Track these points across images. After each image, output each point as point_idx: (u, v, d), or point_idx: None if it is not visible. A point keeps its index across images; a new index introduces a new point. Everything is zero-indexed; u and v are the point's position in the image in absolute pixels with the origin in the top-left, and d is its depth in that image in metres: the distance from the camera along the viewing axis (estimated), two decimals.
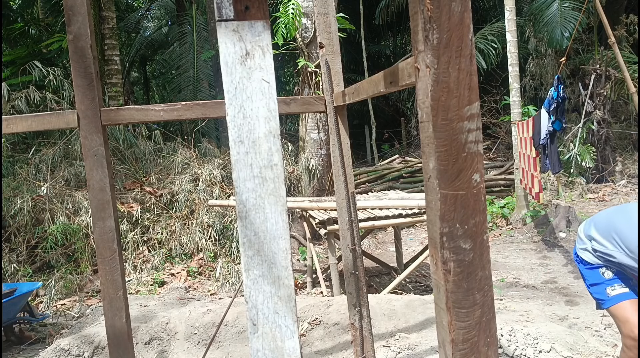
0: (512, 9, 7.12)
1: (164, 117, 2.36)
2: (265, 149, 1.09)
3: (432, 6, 0.93)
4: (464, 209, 0.99)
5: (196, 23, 10.39)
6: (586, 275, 2.35)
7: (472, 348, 1.01)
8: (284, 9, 5.84)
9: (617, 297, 2.19)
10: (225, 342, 3.51)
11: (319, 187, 7.13)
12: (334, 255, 4.71)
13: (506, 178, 9.30)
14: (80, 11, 2.09)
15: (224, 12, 1.06)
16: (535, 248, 6.40)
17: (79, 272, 5.38)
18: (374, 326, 2.96)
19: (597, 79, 9.08)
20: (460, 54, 0.96)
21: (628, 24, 9.30)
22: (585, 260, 2.34)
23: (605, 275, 2.26)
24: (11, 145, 6.74)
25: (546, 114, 5.50)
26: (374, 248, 7.11)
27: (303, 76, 6.93)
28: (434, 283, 1.06)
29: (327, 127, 6.59)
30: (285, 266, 1.06)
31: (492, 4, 13.00)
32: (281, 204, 1.08)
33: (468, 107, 0.97)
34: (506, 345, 2.99)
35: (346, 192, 2.47)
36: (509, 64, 7.31)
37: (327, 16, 2.47)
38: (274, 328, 1.04)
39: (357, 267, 2.48)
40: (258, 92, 1.09)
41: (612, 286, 2.22)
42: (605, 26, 4.76)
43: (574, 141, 8.56)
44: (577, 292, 4.67)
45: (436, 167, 0.97)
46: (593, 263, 2.30)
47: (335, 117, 2.44)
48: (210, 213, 6.19)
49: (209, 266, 5.79)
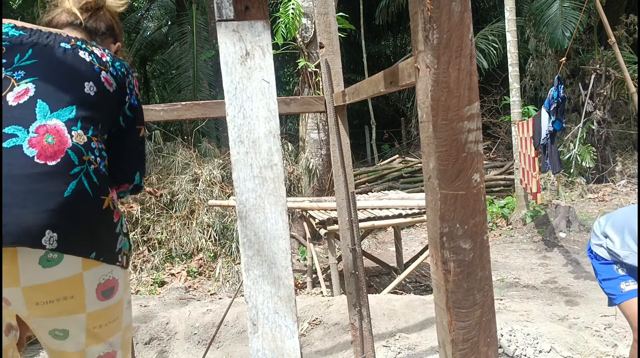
0: (512, 9, 7.12)
1: (164, 117, 2.36)
2: (265, 149, 1.09)
3: (432, 6, 0.93)
4: (464, 209, 0.99)
5: (196, 23, 10.39)
6: (599, 269, 2.35)
7: (472, 348, 1.01)
8: (284, 9, 5.84)
9: (630, 293, 2.20)
10: (225, 342, 3.51)
11: (319, 187, 7.13)
12: (334, 255, 4.71)
13: (506, 178, 9.30)
14: None
15: (224, 12, 1.06)
16: (535, 248, 6.40)
17: None
18: (374, 326, 2.96)
19: (597, 79, 9.08)
20: (460, 54, 0.96)
21: (628, 24, 9.30)
22: (600, 256, 2.34)
23: (619, 271, 2.26)
24: None
25: (546, 114, 5.50)
26: (374, 248, 7.11)
27: (303, 76, 6.93)
28: (434, 283, 1.06)
29: (327, 127, 6.59)
30: (285, 266, 1.06)
31: (492, 4, 13.00)
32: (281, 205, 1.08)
33: (468, 107, 0.97)
34: (506, 345, 2.99)
35: (346, 192, 2.47)
36: (509, 64, 7.31)
37: (327, 16, 2.47)
38: (274, 328, 1.05)
39: (357, 267, 2.48)
40: (258, 92, 1.09)
41: (627, 282, 2.23)
42: (606, 26, 4.76)
43: (574, 141, 8.56)
44: (577, 292, 4.67)
45: (436, 167, 0.97)
46: (607, 259, 2.30)
47: (335, 117, 2.44)
48: (210, 213, 6.20)
49: (209, 266, 5.79)
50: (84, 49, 1.25)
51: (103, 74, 1.25)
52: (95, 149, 1.17)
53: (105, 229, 1.15)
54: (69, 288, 1.09)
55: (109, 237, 1.15)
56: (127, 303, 1.25)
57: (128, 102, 1.30)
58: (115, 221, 1.18)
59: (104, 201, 1.15)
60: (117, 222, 1.19)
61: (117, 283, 1.18)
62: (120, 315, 1.21)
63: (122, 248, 1.19)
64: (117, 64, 1.30)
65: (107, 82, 1.25)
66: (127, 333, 1.27)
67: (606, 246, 2.29)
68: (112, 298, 1.17)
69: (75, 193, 1.09)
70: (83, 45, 1.27)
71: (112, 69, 1.28)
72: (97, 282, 1.13)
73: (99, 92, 1.22)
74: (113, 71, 1.28)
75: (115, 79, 1.27)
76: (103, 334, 1.18)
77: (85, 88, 1.19)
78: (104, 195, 1.15)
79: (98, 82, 1.22)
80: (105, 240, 1.14)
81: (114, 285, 1.17)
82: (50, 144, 1.09)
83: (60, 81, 1.18)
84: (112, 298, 1.17)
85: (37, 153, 1.07)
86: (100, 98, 1.22)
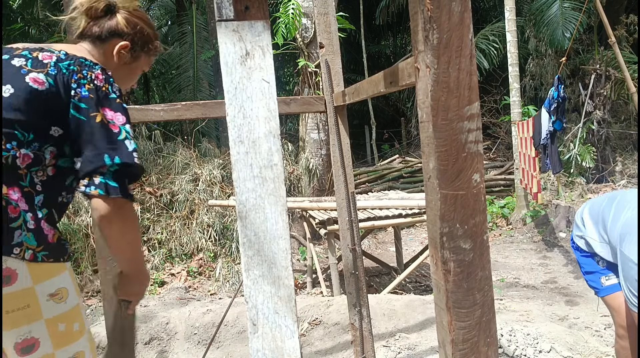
0: (512, 9, 7.12)
1: (164, 117, 2.37)
2: (265, 149, 1.09)
3: (432, 6, 0.93)
4: (464, 209, 0.99)
5: (196, 23, 10.38)
6: (582, 262, 2.32)
7: (472, 348, 1.01)
8: (284, 9, 5.84)
9: (612, 287, 2.18)
10: (225, 342, 3.51)
11: (319, 187, 7.13)
12: (334, 255, 4.71)
13: (506, 178, 9.30)
14: None
15: (224, 12, 1.06)
16: (535, 248, 6.40)
17: (79, 272, 5.38)
18: (374, 326, 2.96)
19: (597, 79, 9.08)
20: (461, 54, 0.96)
21: (628, 24, 9.30)
22: (580, 247, 2.31)
23: (600, 264, 2.23)
24: None
25: (547, 114, 5.50)
26: (374, 248, 7.11)
27: (303, 76, 6.93)
28: (434, 283, 1.06)
29: (327, 127, 6.59)
30: (285, 266, 1.06)
31: (492, 4, 13.00)
32: (281, 205, 1.08)
33: (468, 107, 0.97)
34: (506, 345, 2.99)
35: (346, 192, 2.47)
36: (509, 64, 7.31)
37: (327, 16, 2.47)
38: (274, 328, 1.05)
39: (357, 267, 2.48)
40: (258, 92, 1.09)
41: (607, 276, 2.20)
42: (606, 26, 4.76)
43: (574, 141, 8.56)
44: (577, 292, 4.67)
45: (436, 167, 0.97)
46: (587, 251, 2.27)
47: (335, 117, 2.44)
48: (210, 213, 6.19)
49: (209, 266, 5.79)
50: (22, 56, 1.37)
51: (32, 74, 1.34)
52: None
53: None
54: None
55: None
56: (45, 295, 1.31)
57: (78, 95, 1.35)
58: (13, 216, 1.27)
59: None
60: (16, 217, 1.28)
61: (13, 273, 1.26)
62: (31, 303, 1.29)
63: (23, 242, 1.28)
64: (66, 63, 1.38)
65: (35, 81, 1.33)
66: (56, 326, 1.32)
67: (584, 236, 2.24)
68: (12, 285, 1.27)
69: None
70: (24, 52, 1.38)
71: (52, 69, 1.36)
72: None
73: (17, 92, 1.32)
74: (52, 71, 1.35)
75: (52, 77, 1.34)
76: (12, 321, 1.28)
77: None
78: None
79: (19, 83, 1.32)
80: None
81: (10, 274, 1.26)
82: None
83: None
84: (11, 286, 1.27)
85: None
86: (18, 97, 1.32)
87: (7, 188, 1.28)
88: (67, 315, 1.35)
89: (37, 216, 1.31)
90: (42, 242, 1.30)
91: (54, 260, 1.32)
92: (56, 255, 1.33)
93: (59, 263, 1.34)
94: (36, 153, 1.33)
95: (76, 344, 1.38)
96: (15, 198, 1.28)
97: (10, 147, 1.29)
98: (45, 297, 1.31)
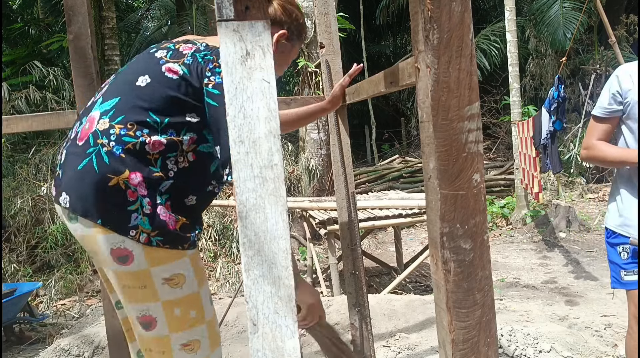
0: (512, 9, 7.12)
1: None
2: (266, 149, 1.09)
3: (433, 6, 0.93)
4: (464, 209, 0.99)
5: (196, 23, 10.38)
6: (608, 249, 2.31)
7: (472, 348, 1.01)
8: None
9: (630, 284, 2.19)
10: (225, 342, 3.51)
11: (319, 187, 7.13)
12: (334, 255, 4.70)
13: (506, 178, 9.29)
14: (81, 11, 2.09)
15: (224, 12, 1.06)
16: (535, 248, 6.40)
17: (79, 272, 5.38)
18: (374, 326, 2.96)
19: (597, 79, 9.08)
20: (461, 54, 0.96)
21: (628, 24, 9.31)
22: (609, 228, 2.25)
23: (622, 255, 2.23)
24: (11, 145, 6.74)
25: (547, 114, 5.49)
26: (374, 248, 7.11)
27: (303, 76, 6.93)
28: (434, 283, 1.06)
29: (327, 127, 6.59)
30: (285, 266, 1.06)
31: (492, 4, 13.00)
32: (281, 205, 1.08)
33: (468, 107, 0.97)
34: (506, 345, 2.99)
35: (346, 192, 2.47)
36: (509, 64, 7.31)
37: (327, 16, 2.47)
38: (274, 328, 1.05)
39: (357, 267, 2.48)
40: (258, 93, 1.09)
41: (627, 271, 2.21)
42: (606, 26, 4.76)
43: (574, 141, 8.56)
44: (577, 292, 4.67)
45: (436, 167, 0.97)
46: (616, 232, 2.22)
47: (335, 117, 2.44)
48: (210, 213, 6.19)
49: (209, 266, 5.79)
50: (166, 48, 1.42)
51: (168, 64, 1.37)
52: (113, 135, 1.32)
53: (111, 203, 1.30)
54: (90, 244, 1.32)
55: (118, 211, 1.30)
56: (160, 278, 1.33)
57: (212, 83, 1.34)
58: (131, 199, 1.30)
59: (111, 179, 1.30)
60: (134, 201, 1.31)
61: (131, 254, 1.31)
62: (148, 284, 1.33)
63: (138, 225, 1.31)
64: (203, 53, 1.38)
65: (170, 70, 1.36)
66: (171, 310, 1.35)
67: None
68: (129, 265, 1.31)
69: (85, 168, 1.31)
70: (170, 45, 1.44)
71: (189, 59, 1.37)
72: (110, 247, 1.30)
73: (153, 81, 1.36)
74: (188, 60, 1.37)
75: (187, 66, 1.36)
76: (131, 295, 1.34)
77: (137, 81, 1.37)
78: (112, 174, 1.30)
79: (155, 73, 1.36)
80: (113, 213, 1.30)
81: (128, 254, 1.31)
82: (85, 130, 1.36)
83: (121, 79, 1.42)
84: (128, 265, 1.31)
85: (79, 137, 1.37)
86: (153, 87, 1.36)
87: (129, 172, 1.31)
88: (182, 301, 1.36)
89: (154, 202, 1.33)
90: (157, 227, 1.32)
91: (170, 246, 1.33)
92: (173, 242, 1.34)
93: (177, 250, 1.35)
94: (171, 139, 1.34)
95: (192, 331, 1.37)
96: (135, 183, 1.31)
97: (140, 134, 1.32)
98: (160, 280, 1.33)
